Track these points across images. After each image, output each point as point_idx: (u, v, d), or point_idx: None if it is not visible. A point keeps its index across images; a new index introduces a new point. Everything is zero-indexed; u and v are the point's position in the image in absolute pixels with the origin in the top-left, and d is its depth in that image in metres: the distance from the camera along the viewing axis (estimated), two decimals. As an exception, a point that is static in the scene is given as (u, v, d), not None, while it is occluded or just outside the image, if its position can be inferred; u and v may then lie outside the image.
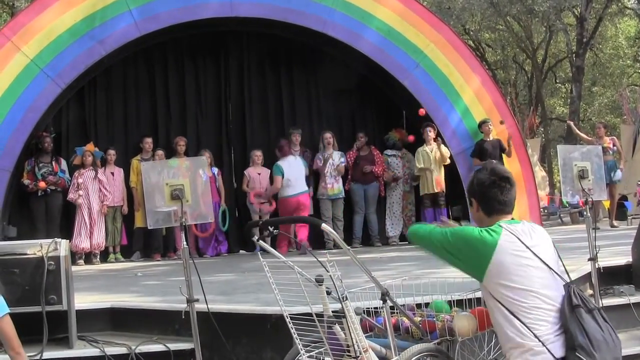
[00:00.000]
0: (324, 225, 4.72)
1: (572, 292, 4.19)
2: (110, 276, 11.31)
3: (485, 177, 4.48)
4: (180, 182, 5.91)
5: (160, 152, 14.51)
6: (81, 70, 13.66)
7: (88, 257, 13.86)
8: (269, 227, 4.87)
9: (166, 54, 15.51)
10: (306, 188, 14.43)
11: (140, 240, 14.48)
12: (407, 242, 15.17)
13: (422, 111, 14.53)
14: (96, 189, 13.94)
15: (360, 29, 14.41)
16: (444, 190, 14.83)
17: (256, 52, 15.87)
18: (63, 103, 14.50)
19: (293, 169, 14.19)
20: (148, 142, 14.72)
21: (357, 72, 15.49)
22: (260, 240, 5.02)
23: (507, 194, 4.44)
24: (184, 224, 5.86)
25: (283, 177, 14.08)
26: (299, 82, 16.01)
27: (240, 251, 15.20)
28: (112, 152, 14.49)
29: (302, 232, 13.95)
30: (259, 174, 14.75)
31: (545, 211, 25.66)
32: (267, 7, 14.14)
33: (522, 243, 4.23)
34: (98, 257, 14.03)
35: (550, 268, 4.25)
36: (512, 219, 4.43)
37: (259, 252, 4.86)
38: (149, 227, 6.15)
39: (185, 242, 5.86)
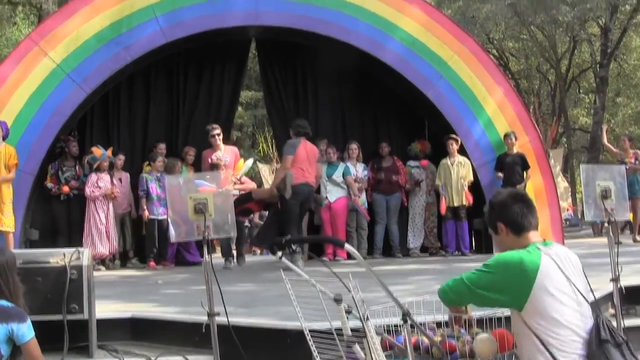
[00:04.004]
0: (347, 246, 4.72)
1: (602, 324, 4.15)
2: (130, 283, 11.35)
3: (504, 197, 4.48)
4: (204, 196, 5.94)
5: (160, 159, 14.45)
6: (106, 75, 13.77)
7: (104, 262, 13.89)
8: (293, 245, 4.88)
9: (189, 61, 15.58)
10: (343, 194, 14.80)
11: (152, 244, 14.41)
12: (427, 254, 15.21)
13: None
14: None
15: (384, 39, 14.41)
16: (465, 204, 14.79)
17: (280, 61, 15.92)
18: (87, 108, 14.57)
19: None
20: (161, 147, 14.79)
21: (380, 82, 15.49)
22: (284, 258, 5.03)
23: (530, 208, 4.43)
24: (206, 238, 5.89)
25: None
26: (323, 91, 16.04)
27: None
28: (121, 157, 14.57)
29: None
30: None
31: (567, 223, 25.57)
32: (291, 16, 14.17)
33: (561, 270, 4.19)
34: (114, 261, 14.15)
35: (584, 298, 4.23)
36: (544, 240, 4.41)
37: (282, 272, 4.81)
38: (172, 240, 6.18)
39: (207, 255, 5.88)
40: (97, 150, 14.07)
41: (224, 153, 13.98)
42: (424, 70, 14.50)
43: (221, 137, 14.06)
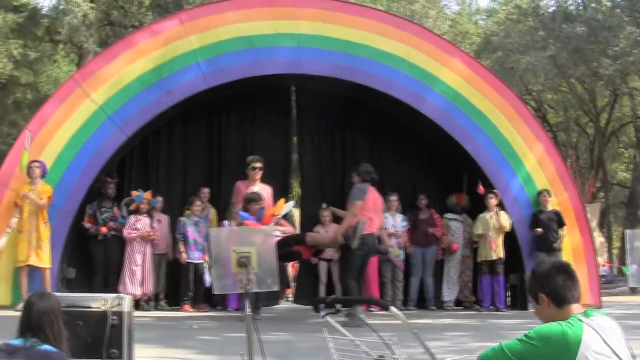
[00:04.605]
0: (392, 309, 4.72)
1: None
2: (166, 327, 11.34)
3: (547, 267, 4.43)
4: (247, 250, 5.96)
5: (197, 203, 14.37)
6: (147, 119, 13.93)
7: (137, 303, 13.91)
8: (336, 305, 4.88)
9: (229, 107, 15.66)
10: None
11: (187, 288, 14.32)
12: (461, 308, 15.11)
13: (481, 189, 14.52)
14: None
15: (425, 91, 14.42)
16: (502, 258, 14.68)
17: (318, 108, 15.93)
18: (127, 150, 14.69)
19: None
20: (204, 192, 14.80)
21: (419, 135, 15.50)
22: (328, 317, 5.03)
23: (573, 281, 4.38)
24: (248, 291, 5.90)
25: None
26: (363, 142, 16.03)
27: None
28: (160, 199, 14.62)
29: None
30: (327, 232, 14.51)
31: (604, 279, 25.32)
32: (333, 66, 14.24)
33: (604, 342, 4.14)
34: (149, 303, 14.14)
35: None
36: (585, 310, 4.37)
37: (325, 331, 4.81)
38: (214, 292, 6.20)
39: (248, 309, 5.89)
40: (134, 192, 14.19)
41: (260, 190, 13.01)
42: (463, 124, 14.48)
43: (261, 173, 13.37)
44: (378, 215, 12.15)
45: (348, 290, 11.64)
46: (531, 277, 4.44)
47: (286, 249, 11.39)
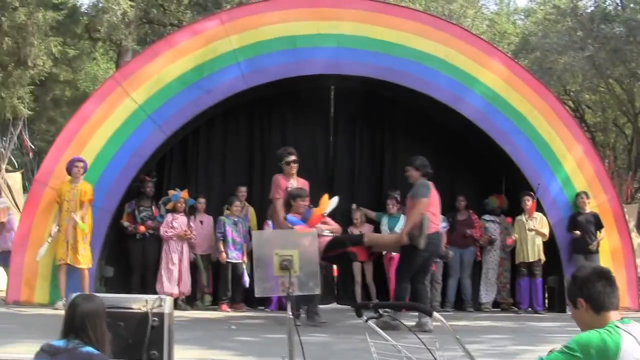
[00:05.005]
0: (435, 314, 4.73)
1: None
2: (204, 327, 11.33)
3: (588, 272, 4.41)
4: (290, 253, 5.97)
5: (236, 203, 14.43)
6: (187, 118, 14.00)
7: (175, 302, 13.93)
8: (379, 310, 4.89)
9: (269, 106, 15.69)
10: None
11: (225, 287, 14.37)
12: (499, 310, 15.05)
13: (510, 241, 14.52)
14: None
15: (464, 92, 14.38)
16: (541, 260, 14.62)
17: (356, 109, 15.97)
18: (167, 150, 14.77)
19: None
20: (242, 190, 14.82)
21: (457, 135, 15.46)
22: (370, 321, 5.04)
23: (613, 287, 4.36)
24: (290, 294, 5.92)
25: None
26: (401, 142, 15.97)
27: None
28: (202, 200, 14.67)
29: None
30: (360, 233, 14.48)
31: (641, 281, 25.11)
32: (372, 67, 14.24)
33: None
34: (185, 302, 14.16)
35: None
36: (622, 317, 4.35)
37: (368, 336, 4.82)
38: (255, 295, 6.21)
39: (290, 313, 5.90)
40: (171, 191, 14.26)
41: (300, 184, 12.11)
42: (502, 125, 14.42)
43: (297, 166, 12.23)
44: (438, 214, 11.68)
45: (402, 291, 11.13)
46: (571, 282, 4.44)
47: (340, 249, 11.01)
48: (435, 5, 34.76)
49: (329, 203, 11.50)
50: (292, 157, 12.00)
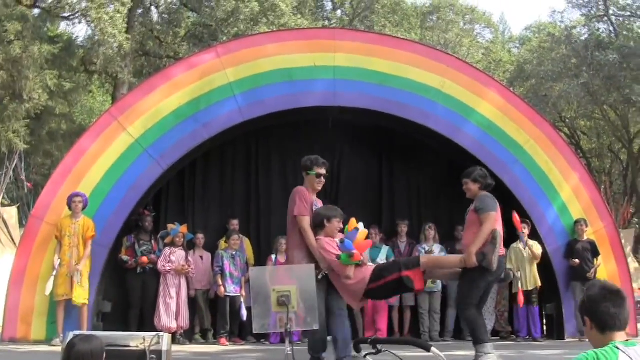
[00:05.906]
0: (433, 349, 4.72)
1: None
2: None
3: (596, 292, 4.41)
4: (288, 289, 5.97)
5: (235, 237, 14.38)
6: (184, 152, 13.97)
7: (173, 337, 13.86)
8: (377, 346, 4.87)
9: (266, 138, 15.71)
10: None
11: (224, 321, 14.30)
12: (498, 338, 15.01)
13: (515, 217, 14.34)
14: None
15: (462, 123, 14.42)
16: (537, 287, 14.59)
17: (355, 139, 16.00)
18: (163, 183, 14.77)
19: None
20: (234, 224, 14.81)
21: (455, 165, 15.46)
22: (368, 357, 5.03)
23: (619, 308, 4.35)
24: (289, 330, 5.91)
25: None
26: (399, 173, 16.07)
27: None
28: (200, 236, 14.65)
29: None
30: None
31: (639, 305, 25.05)
32: (369, 98, 14.27)
33: None
34: (184, 336, 14.07)
35: None
36: (628, 340, 4.34)
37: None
38: (254, 331, 6.21)
39: (289, 349, 5.90)
40: (170, 225, 14.24)
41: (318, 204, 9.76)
42: (500, 155, 14.45)
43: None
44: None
45: (474, 322, 9.52)
46: (582, 300, 4.45)
47: (390, 276, 8.89)
48: (431, 34, 34.95)
49: (358, 227, 9.34)
50: (323, 171, 9.72)
